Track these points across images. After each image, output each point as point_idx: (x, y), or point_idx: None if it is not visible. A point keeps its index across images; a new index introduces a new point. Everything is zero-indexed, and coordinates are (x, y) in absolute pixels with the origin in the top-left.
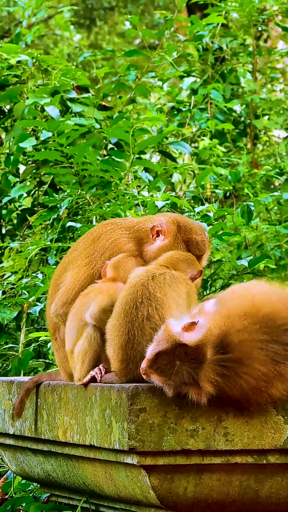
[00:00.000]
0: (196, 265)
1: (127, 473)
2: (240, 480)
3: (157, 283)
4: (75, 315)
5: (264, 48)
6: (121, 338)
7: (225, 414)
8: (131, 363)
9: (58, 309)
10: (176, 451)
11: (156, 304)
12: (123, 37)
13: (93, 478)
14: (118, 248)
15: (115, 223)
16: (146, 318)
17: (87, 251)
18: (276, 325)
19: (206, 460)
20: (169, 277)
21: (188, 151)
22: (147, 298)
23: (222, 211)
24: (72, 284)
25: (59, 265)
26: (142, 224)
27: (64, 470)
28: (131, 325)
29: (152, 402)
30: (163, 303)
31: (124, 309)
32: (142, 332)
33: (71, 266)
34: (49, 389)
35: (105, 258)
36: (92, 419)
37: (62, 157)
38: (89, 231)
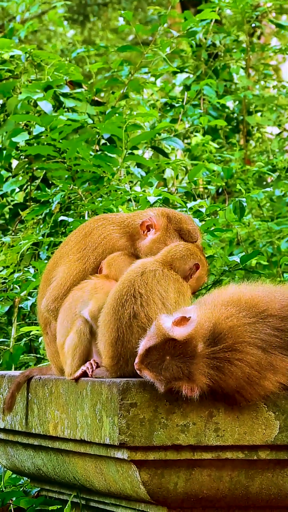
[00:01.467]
0: (195, 257)
1: (117, 468)
2: (230, 476)
3: (144, 280)
4: (69, 308)
5: (258, 44)
6: (110, 335)
7: (216, 410)
8: (122, 360)
9: (49, 304)
10: (166, 446)
11: (141, 301)
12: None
13: (84, 473)
14: (111, 244)
15: (106, 219)
16: (132, 316)
17: (78, 246)
18: (260, 311)
19: (196, 456)
20: (159, 274)
21: (180, 147)
22: (132, 296)
23: (214, 207)
24: (64, 279)
25: (50, 259)
26: (132, 220)
27: (54, 464)
28: (119, 322)
29: (143, 397)
30: (148, 300)
31: (112, 306)
32: (130, 330)
33: (63, 261)
34: (40, 383)
35: (97, 254)
36: (83, 414)
37: (54, 152)
38: (81, 226)
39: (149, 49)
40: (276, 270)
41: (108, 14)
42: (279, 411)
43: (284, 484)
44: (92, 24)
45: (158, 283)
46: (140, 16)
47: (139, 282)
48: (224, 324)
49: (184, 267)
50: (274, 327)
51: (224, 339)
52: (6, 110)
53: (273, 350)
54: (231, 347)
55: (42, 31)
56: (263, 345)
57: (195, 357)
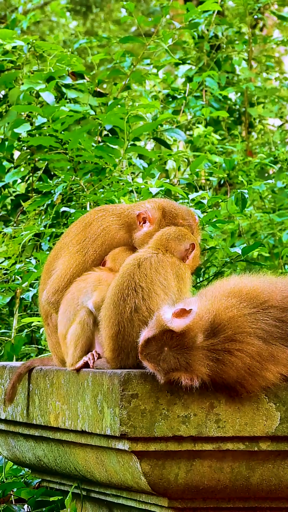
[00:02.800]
0: (189, 238)
1: (118, 459)
2: (231, 467)
3: (143, 271)
4: (71, 299)
5: (260, 36)
6: (111, 329)
7: (217, 401)
8: (122, 353)
9: (50, 297)
10: (167, 437)
11: (142, 294)
12: (119, 24)
13: (85, 464)
14: (110, 236)
15: (107, 210)
16: (134, 311)
17: (78, 237)
18: (261, 302)
19: (197, 447)
20: (154, 261)
21: (182, 138)
22: (133, 290)
23: (216, 199)
24: (64, 271)
25: (52, 251)
26: (131, 211)
27: (55, 455)
28: (120, 317)
29: (144, 388)
30: (150, 292)
31: (113, 300)
32: (131, 324)
33: (63, 253)
34: (41, 374)
35: (96, 246)
36: (84, 405)
37: (56, 143)
38: (82, 217)
39: (151, 41)
40: (278, 262)
41: (110, 5)
42: (280, 402)
43: (284, 475)
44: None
45: (156, 272)
46: (143, 7)
47: (138, 274)
48: (224, 315)
49: (179, 248)
50: (275, 318)
51: (224, 330)
52: (8, 101)
53: (274, 341)
54: (231, 337)
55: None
56: (264, 335)
57: (193, 348)
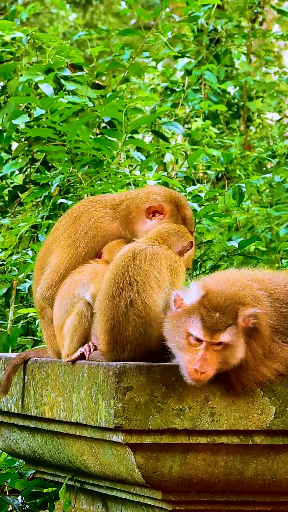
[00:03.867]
0: (188, 236)
1: (112, 451)
2: (225, 461)
3: (138, 264)
4: (67, 291)
5: (259, 30)
6: (106, 323)
7: (212, 394)
8: (118, 347)
9: (44, 292)
10: (162, 430)
11: (137, 288)
12: (118, 17)
13: (79, 456)
14: (103, 228)
15: (95, 201)
16: (129, 305)
17: (69, 231)
18: (271, 293)
19: (192, 440)
20: (149, 252)
21: (180, 131)
22: (128, 283)
23: (214, 192)
24: (57, 266)
25: (42, 246)
26: (129, 203)
27: (50, 447)
28: (115, 311)
29: (139, 380)
30: (144, 286)
31: (108, 294)
32: (126, 318)
33: (55, 247)
34: (37, 365)
35: (88, 238)
36: (79, 397)
37: (54, 135)
38: (69, 210)
39: (151, 34)
40: (275, 256)
41: None
42: (275, 397)
43: (278, 469)
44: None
45: (151, 265)
46: (142, 0)
47: (133, 267)
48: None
49: (177, 243)
50: (280, 311)
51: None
52: (7, 92)
53: (276, 336)
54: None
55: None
56: (271, 329)
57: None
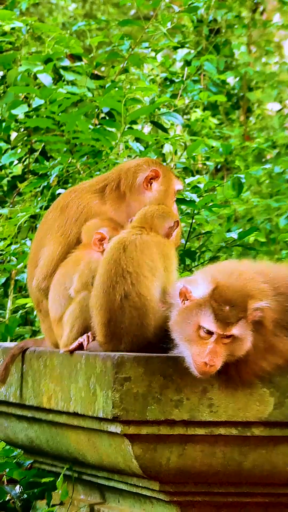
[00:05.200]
0: (172, 215)
1: (110, 441)
2: (223, 452)
3: (129, 255)
4: (58, 285)
5: (260, 20)
6: (103, 316)
7: (210, 386)
8: (115, 339)
9: (40, 283)
10: (160, 421)
11: (131, 279)
12: (118, 7)
13: (77, 446)
14: (93, 212)
15: (78, 189)
16: (124, 298)
17: (58, 222)
18: (275, 286)
19: (189, 431)
20: (139, 242)
21: (180, 122)
22: (121, 276)
23: (213, 183)
24: (50, 256)
25: (33, 243)
26: (117, 184)
27: (47, 437)
28: (111, 304)
29: (137, 371)
30: (138, 276)
31: (102, 288)
32: (122, 311)
33: (46, 241)
34: (35, 355)
35: (79, 224)
36: (77, 387)
37: (53, 125)
38: (54, 203)
39: (150, 24)
40: (274, 248)
41: None
42: (274, 388)
43: (277, 461)
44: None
45: (142, 253)
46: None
47: (124, 259)
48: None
49: (163, 225)
50: (283, 305)
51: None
52: (6, 82)
53: (278, 330)
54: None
55: (44, 4)
56: (274, 323)
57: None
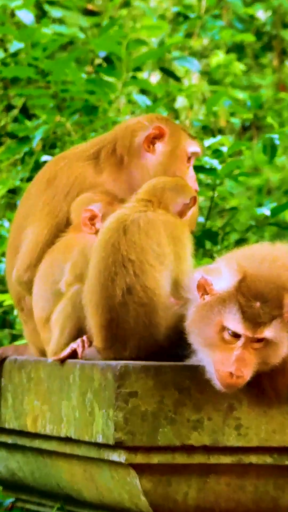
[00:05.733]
0: (188, 190)
1: (112, 473)
2: (255, 485)
3: (130, 238)
4: (44, 276)
5: None
6: (101, 317)
7: (238, 402)
8: (118, 343)
9: (21, 275)
10: (174, 447)
11: (134, 269)
12: None
13: (70, 479)
14: (88, 184)
15: (68, 156)
16: (126, 292)
17: (45, 197)
18: None
19: (212, 459)
20: (143, 222)
21: (196, 68)
22: (122, 265)
23: (239, 145)
24: (35, 241)
25: (13, 224)
26: (113, 146)
27: (33, 468)
28: (111, 301)
29: (146, 384)
30: (142, 265)
31: (99, 282)
32: (126, 309)
33: (29, 221)
34: (16, 366)
35: (71, 200)
36: (70, 405)
37: (36, 75)
38: (38, 173)
39: None
40: None
41: None
42: None
43: None
44: None
45: (147, 236)
46: None
47: (125, 244)
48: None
49: (177, 201)
50: None
51: None
52: None
53: None
54: None
55: None
56: None
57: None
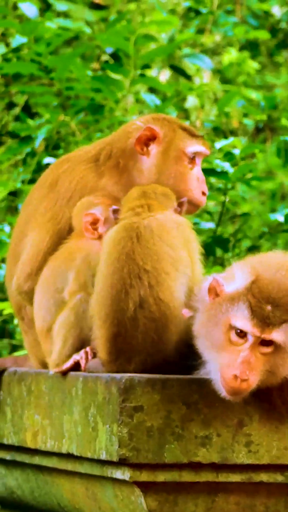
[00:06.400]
0: (173, 195)
1: (116, 492)
2: (265, 505)
3: (146, 244)
4: (46, 284)
5: None
6: (108, 330)
7: (248, 418)
8: (122, 357)
9: (22, 284)
10: (181, 464)
11: (149, 280)
12: None
13: (71, 498)
14: (89, 188)
15: (71, 159)
16: (139, 306)
17: (46, 202)
18: None
19: (221, 477)
20: (156, 225)
21: (208, 66)
22: (137, 277)
23: (252, 148)
24: (36, 248)
25: (14, 230)
26: (110, 149)
27: (33, 486)
28: (120, 315)
29: (152, 398)
30: (158, 275)
31: (110, 294)
32: (135, 323)
33: (30, 227)
34: (15, 378)
35: (73, 205)
36: (72, 420)
37: (40, 71)
38: (41, 177)
39: None
40: None
41: None
42: None
43: None
44: None
45: (161, 240)
46: None
47: (140, 253)
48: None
49: (170, 205)
50: None
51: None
52: None
53: None
54: None
55: None
56: None
57: None
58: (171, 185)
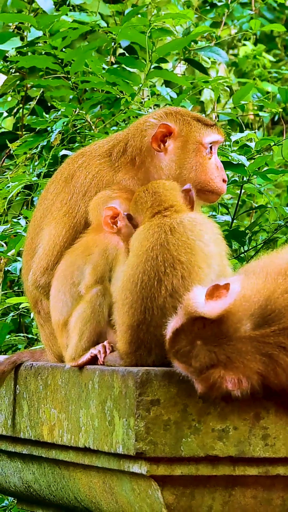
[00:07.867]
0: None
1: (133, 485)
2: (282, 498)
3: (179, 237)
4: (63, 278)
5: None
6: (132, 317)
7: (265, 411)
8: (143, 348)
9: (38, 278)
10: (198, 458)
11: (182, 272)
12: None
13: (88, 492)
14: (105, 182)
15: (86, 153)
16: (169, 295)
17: (62, 196)
18: None
19: (238, 471)
20: (188, 222)
21: (224, 59)
22: (171, 266)
23: (268, 141)
24: (52, 243)
25: (30, 224)
26: (124, 147)
27: (49, 480)
28: (150, 302)
29: (168, 392)
30: (191, 268)
31: (141, 280)
32: (163, 312)
33: (46, 221)
34: (32, 372)
35: (89, 199)
36: (88, 414)
37: (55, 65)
38: (57, 172)
39: None
40: None
41: None
42: None
43: None
44: None
45: (193, 235)
46: None
47: (175, 244)
48: (281, 299)
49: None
50: None
51: (279, 319)
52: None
53: None
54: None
55: None
56: None
57: (236, 339)
58: (193, 177)
